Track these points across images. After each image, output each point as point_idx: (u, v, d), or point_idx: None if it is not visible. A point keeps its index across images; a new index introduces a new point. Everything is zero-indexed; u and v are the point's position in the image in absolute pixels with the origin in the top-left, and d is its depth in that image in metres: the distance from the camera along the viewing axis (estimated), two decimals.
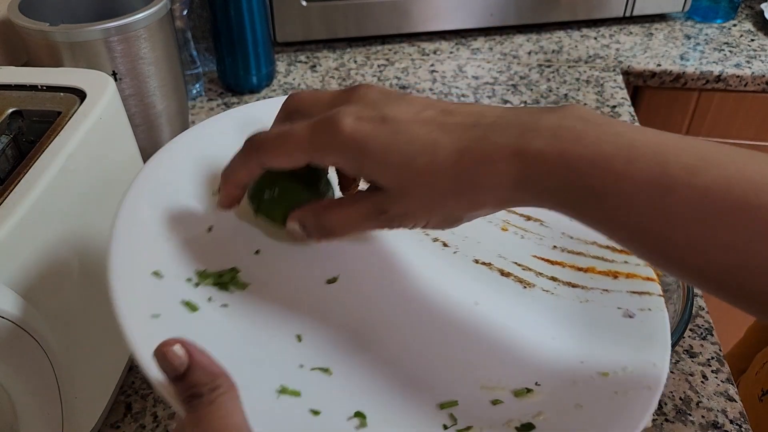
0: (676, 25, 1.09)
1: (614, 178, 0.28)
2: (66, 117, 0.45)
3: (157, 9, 0.58)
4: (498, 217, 0.44)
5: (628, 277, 0.40)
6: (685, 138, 0.29)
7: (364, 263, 0.39)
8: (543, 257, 0.42)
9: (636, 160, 0.28)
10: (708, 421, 0.50)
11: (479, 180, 0.30)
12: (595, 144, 0.29)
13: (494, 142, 0.30)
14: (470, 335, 0.37)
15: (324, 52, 1.02)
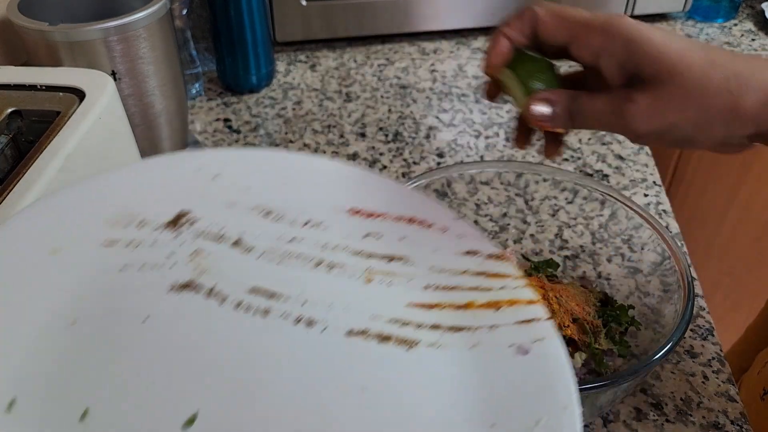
0: (677, 24, 1.09)
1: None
2: (65, 117, 0.45)
3: (156, 9, 0.57)
4: (359, 267, 0.39)
5: (510, 304, 0.37)
6: None
7: (225, 392, 0.32)
8: (418, 303, 0.38)
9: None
10: (709, 421, 0.50)
11: (747, 81, 0.33)
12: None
13: (744, 59, 0.33)
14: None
15: (324, 52, 1.02)
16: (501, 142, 0.81)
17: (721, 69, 0.33)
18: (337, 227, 0.40)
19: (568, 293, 0.50)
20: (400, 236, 0.40)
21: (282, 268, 0.38)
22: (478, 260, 0.39)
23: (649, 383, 0.52)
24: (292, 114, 0.88)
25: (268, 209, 0.40)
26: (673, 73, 0.33)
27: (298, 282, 0.37)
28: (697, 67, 0.33)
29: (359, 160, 0.79)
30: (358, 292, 0.38)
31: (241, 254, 0.38)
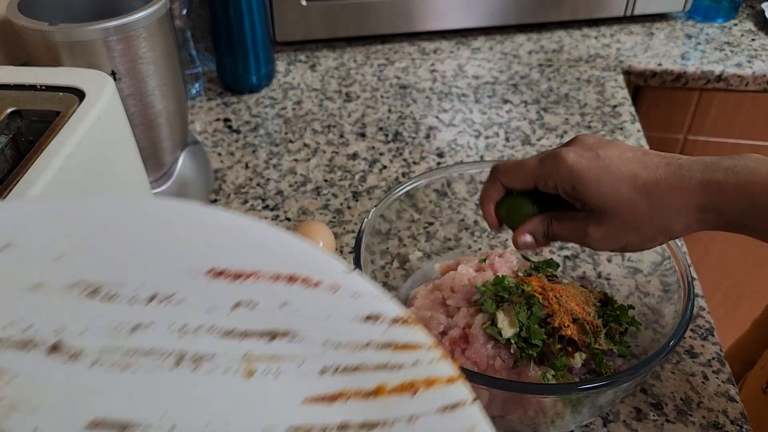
0: (677, 24, 1.09)
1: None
2: (65, 117, 0.45)
3: (156, 8, 0.57)
4: (233, 355, 0.29)
5: (428, 385, 0.30)
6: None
7: None
8: (317, 396, 0.30)
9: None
10: (709, 421, 0.50)
11: (671, 204, 0.39)
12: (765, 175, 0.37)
13: (683, 175, 0.38)
14: None
15: (324, 52, 1.02)
16: (501, 142, 0.81)
17: (647, 199, 0.39)
18: (195, 299, 0.29)
19: (568, 293, 0.50)
20: (281, 302, 0.30)
21: (129, 377, 0.27)
22: (382, 327, 0.31)
23: (649, 383, 0.52)
24: (292, 114, 0.88)
25: (94, 285, 0.28)
26: (609, 210, 0.40)
27: (155, 396, 0.27)
28: (625, 202, 0.40)
29: (359, 160, 0.79)
30: (240, 396, 0.28)
31: (65, 365, 0.26)
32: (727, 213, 0.38)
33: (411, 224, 0.60)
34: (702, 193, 0.38)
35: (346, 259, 0.65)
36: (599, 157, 0.40)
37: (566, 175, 0.41)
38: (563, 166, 0.41)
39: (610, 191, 0.40)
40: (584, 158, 0.40)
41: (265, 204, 0.72)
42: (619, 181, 0.39)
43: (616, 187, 0.39)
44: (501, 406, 0.45)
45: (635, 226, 0.40)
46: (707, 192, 0.38)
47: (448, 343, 0.48)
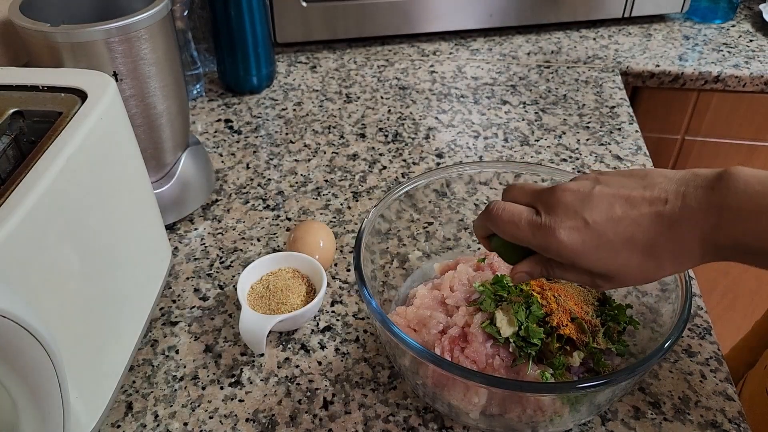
0: (675, 25, 1.09)
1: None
2: (67, 117, 0.45)
3: (157, 10, 0.58)
4: None
5: None
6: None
7: None
8: None
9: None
10: (707, 420, 0.50)
11: (672, 259, 0.39)
12: (757, 219, 0.36)
13: (678, 231, 0.38)
14: None
15: (324, 53, 1.03)
16: (500, 143, 0.82)
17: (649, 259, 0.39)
18: None
19: (566, 293, 0.50)
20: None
21: None
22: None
23: (647, 382, 0.53)
24: (293, 115, 0.88)
25: None
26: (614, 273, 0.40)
27: None
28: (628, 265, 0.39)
29: (359, 160, 0.79)
30: None
31: None
32: (728, 253, 0.38)
33: (410, 224, 0.60)
34: (700, 247, 0.38)
35: (346, 259, 0.65)
36: (588, 224, 0.39)
37: (564, 255, 0.40)
38: (560, 246, 0.40)
39: (611, 259, 0.39)
40: (576, 232, 0.39)
41: (266, 204, 0.72)
42: (618, 248, 0.39)
43: (616, 255, 0.39)
44: (500, 404, 0.46)
45: (646, 277, 0.40)
46: (704, 245, 0.38)
47: (448, 342, 0.48)
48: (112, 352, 0.51)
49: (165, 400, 0.52)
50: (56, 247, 0.41)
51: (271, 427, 0.50)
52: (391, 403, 0.51)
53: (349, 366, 0.54)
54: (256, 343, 0.54)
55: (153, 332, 0.58)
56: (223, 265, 0.64)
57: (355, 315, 0.59)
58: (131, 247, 0.53)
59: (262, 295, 0.57)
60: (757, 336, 0.83)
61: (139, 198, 0.54)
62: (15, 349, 0.37)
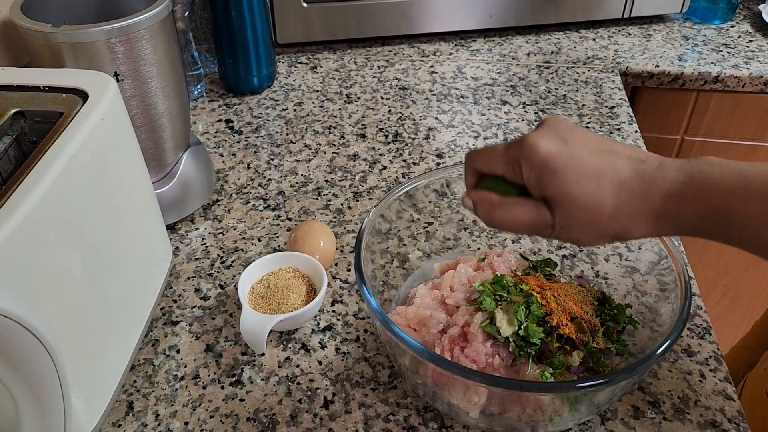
0: (674, 26, 1.09)
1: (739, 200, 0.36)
2: (68, 118, 0.46)
3: (158, 10, 0.58)
4: None
5: None
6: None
7: None
8: None
9: (751, 193, 0.36)
10: (706, 419, 0.50)
11: (631, 211, 0.38)
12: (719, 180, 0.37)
13: (646, 182, 0.38)
14: None
15: (324, 54, 1.03)
16: (500, 143, 0.82)
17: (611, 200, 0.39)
18: None
19: (566, 292, 0.50)
20: None
21: None
22: None
23: (646, 381, 0.53)
24: (294, 115, 0.89)
25: None
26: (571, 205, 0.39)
27: None
28: (589, 198, 0.39)
29: (360, 160, 0.79)
30: None
31: None
32: (684, 222, 0.38)
33: (411, 224, 0.61)
34: (662, 203, 0.38)
35: (346, 259, 0.65)
36: (567, 143, 0.39)
37: (534, 162, 0.39)
38: (532, 152, 0.39)
39: (575, 186, 0.39)
40: (553, 143, 0.39)
41: (267, 204, 0.73)
42: (586, 176, 0.39)
43: (581, 183, 0.39)
44: (500, 403, 0.46)
45: (594, 224, 0.39)
46: (667, 202, 0.38)
47: (447, 342, 0.48)
48: (113, 351, 0.51)
49: (166, 399, 0.52)
50: (57, 247, 0.41)
51: (271, 426, 0.50)
52: (392, 403, 0.51)
53: (350, 365, 0.54)
54: (256, 343, 0.54)
55: (154, 332, 0.58)
56: (223, 264, 0.65)
57: (355, 314, 0.59)
58: (132, 247, 0.53)
59: (263, 295, 0.57)
60: (756, 337, 0.83)
61: (140, 198, 0.55)
62: (16, 349, 0.37)
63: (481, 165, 0.44)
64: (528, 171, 0.40)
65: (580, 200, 0.39)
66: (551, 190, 0.39)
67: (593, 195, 0.39)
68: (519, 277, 0.53)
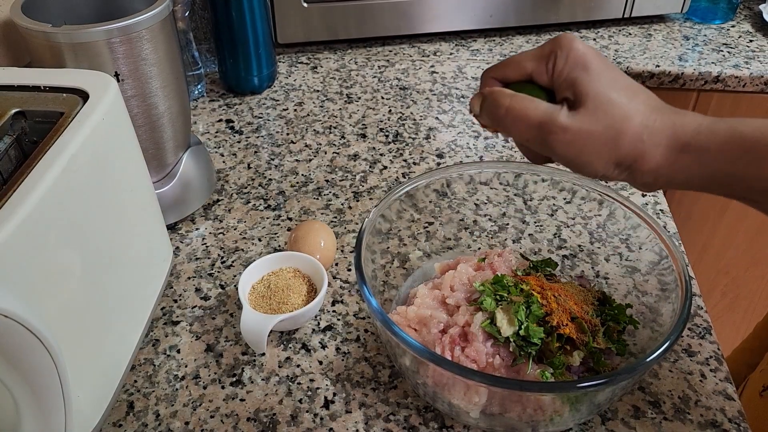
0: (675, 26, 1.09)
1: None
2: (68, 117, 0.46)
3: (159, 10, 0.58)
4: None
5: None
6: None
7: None
8: None
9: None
10: (707, 419, 0.50)
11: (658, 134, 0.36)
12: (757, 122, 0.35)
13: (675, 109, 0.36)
14: None
15: (325, 53, 1.03)
16: (500, 143, 0.82)
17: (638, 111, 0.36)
18: None
19: (566, 292, 0.50)
20: None
21: None
22: None
23: (647, 381, 0.53)
24: (294, 115, 0.89)
25: None
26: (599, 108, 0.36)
27: None
28: (621, 110, 0.36)
29: (360, 160, 0.79)
30: None
31: None
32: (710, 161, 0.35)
33: (411, 224, 0.61)
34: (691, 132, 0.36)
35: (347, 259, 0.65)
36: (605, 60, 0.38)
37: (574, 56, 0.37)
38: (572, 47, 0.38)
39: (609, 91, 0.37)
40: (593, 51, 0.38)
41: (267, 204, 0.73)
42: (621, 87, 0.37)
43: (616, 91, 0.37)
44: (500, 403, 0.46)
45: (614, 141, 0.36)
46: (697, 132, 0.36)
47: (448, 342, 0.48)
48: (114, 351, 0.51)
49: (166, 399, 0.52)
50: (58, 247, 0.42)
51: (272, 426, 0.50)
52: (392, 403, 0.51)
53: (350, 365, 0.54)
54: (257, 343, 0.54)
55: (154, 332, 0.58)
56: (224, 264, 0.65)
57: (355, 314, 0.59)
58: (132, 247, 0.53)
59: (263, 295, 0.57)
60: (758, 338, 0.83)
61: (141, 198, 0.55)
62: (17, 348, 0.37)
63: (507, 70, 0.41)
64: (563, 63, 0.38)
65: (610, 105, 0.36)
66: (582, 86, 0.37)
67: (624, 105, 0.36)
68: (519, 277, 0.53)
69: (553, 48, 0.38)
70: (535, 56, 0.39)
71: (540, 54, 0.39)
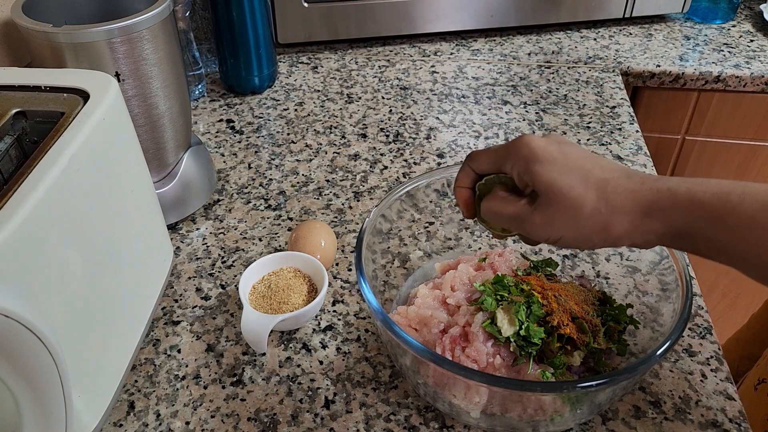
0: (676, 25, 1.09)
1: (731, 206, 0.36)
2: (69, 117, 0.46)
3: (159, 10, 0.58)
4: None
5: None
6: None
7: None
8: None
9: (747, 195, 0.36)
10: (707, 419, 0.50)
11: (617, 203, 0.39)
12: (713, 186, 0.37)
13: (634, 179, 0.39)
14: None
15: (325, 53, 1.03)
16: (500, 143, 0.82)
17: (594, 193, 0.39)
18: None
19: (566, 292, 0.50)
20: None
21: None
22: None
23: (647, 381, 0.53)
24: (294, 115, 0.89)
25: None
26: (555, 196, 0.40)
27: None
28: (572, 191, 0.40)
29: (361, 160, 0.79)
30: None
31: None
32: (674, 221, 0.38)
33: (412, 224, 0.61)
34: (651, 196, 0.38)
35: (347, 258, 0.65)
36: (560, 145, 0.42)
37: (523, 153, 0.42)
38: (524, 144, 0.42)
39: (560, 177, 0.40)
40: (544, 143, 0.42)
41: (268, 204, 0.73)
42: (572, 170, 0.40)
43: (567, 175, 0.40)
44: (501, 403, 0.46)
45: (576, 218, 0.40)
46: (657, 195, 0.38)
47: (448, 342, 0.48)
48: (114, 351, 0.51)
49: (167, 399, 0.52)
50: (58, 247, 0.42)
51: (272, 426, 0.50)
52: (393, 402, 0.51)
53: (351, 365, 0.54)
54: (257, 343, 0.54)
55: (155, 331, 0.58)
56: (224, 264, 0.65)
57: (356, 314, 0.59)
58: (133, 247, 0.53)
59: (264, 295, 0.57)
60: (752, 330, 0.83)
61: (141, 198, 0.55)
62: (18, 348, 0.37)
63: (479, 163, 0.46)
64: (517, 163, 0.42)
65: (562, 191, 0.40)
66: (536, 179, 0.41)
67: (576, 189, 0.40)
68: (520, 277, 0.53)
69: (508, 152, 0.43)
70: (496, 156, 0.44)
71: (498, 157, 0.44)
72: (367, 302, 0.47)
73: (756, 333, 0.80)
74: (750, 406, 0.62)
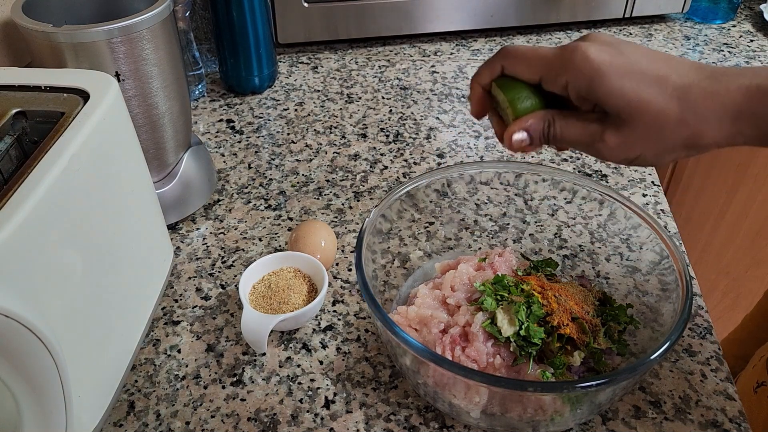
0: (676, 25, 1.09)
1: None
2: (69, 117, 0.46)
3: (159, 10, 0.58)
4: None
5: None
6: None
7: None
8: None
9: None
10: (707, 419, 0.50)
11: (705, 110, 0.34)
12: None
13: (719, 79, 0.34)
14: None
15: (325, 53, 1.03)
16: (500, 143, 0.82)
17: (678, 103, 0.35)
18: None
19: (567, 292, 0.50)
20: None
21: None
22: None
23: (647, 381, 0.53)
24: (294, 115, 0.89)
25: None
26: (632, 114, 0.35)
27: None
28: (652, 106, 0.35)
29: (361, 160, 0.79)
30: None
31: None
32: (766, 123, 0.34)
33: (412, 224, 0.61)
34: (742, 98, 0.34)
35: (347, 258, 0.65)
36: (622, 53, 0.36)
37: (585, 70, 0.35)
38: (583, 58, 0.36)
39: (635, 92, 0.35)
40: (606, 53, 0.36)
41: (268, 204, 0.73)
42: (646, 81, 0.35)
43: (642, 88, 0.35)
44: (501, 403, 0.46)
45: (659, 134, 0.35)
46: (747, 96, 0.34)
47: (449, 342, 0.48)
48: (115, 351, 0.51)
49: (167, 399, 0.52)
50: (58, 247, 0.42)
51: (272, 426, 0.50)
52: (393, 402, 0.51)
53: (351, 365, 0.55)
54: (257, 343, 0.54)
55: (155, 331, 0.58)
56: (224, 264, 0.65)
57: (356, 314, 0.59)
58: (133, 247, 0.53)
59: (264, 295, 0.57)
60: (746, 329, 0.83)
61: (141, 198, 0.55)
62: (18, 348, 0.37)
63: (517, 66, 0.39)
64: (576, 80, 0.36)
65: (641, 108, 0.35)
66: (607, 98, 0.36)
67: (656, 102, 0.35)
68: (520, 277, 0.53)
69: (562, 65, 0.37)
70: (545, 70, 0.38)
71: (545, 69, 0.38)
72: (367, 302, 0.47)
73: (750, 333, 0.80)
74: (749, 409, 0.62)
